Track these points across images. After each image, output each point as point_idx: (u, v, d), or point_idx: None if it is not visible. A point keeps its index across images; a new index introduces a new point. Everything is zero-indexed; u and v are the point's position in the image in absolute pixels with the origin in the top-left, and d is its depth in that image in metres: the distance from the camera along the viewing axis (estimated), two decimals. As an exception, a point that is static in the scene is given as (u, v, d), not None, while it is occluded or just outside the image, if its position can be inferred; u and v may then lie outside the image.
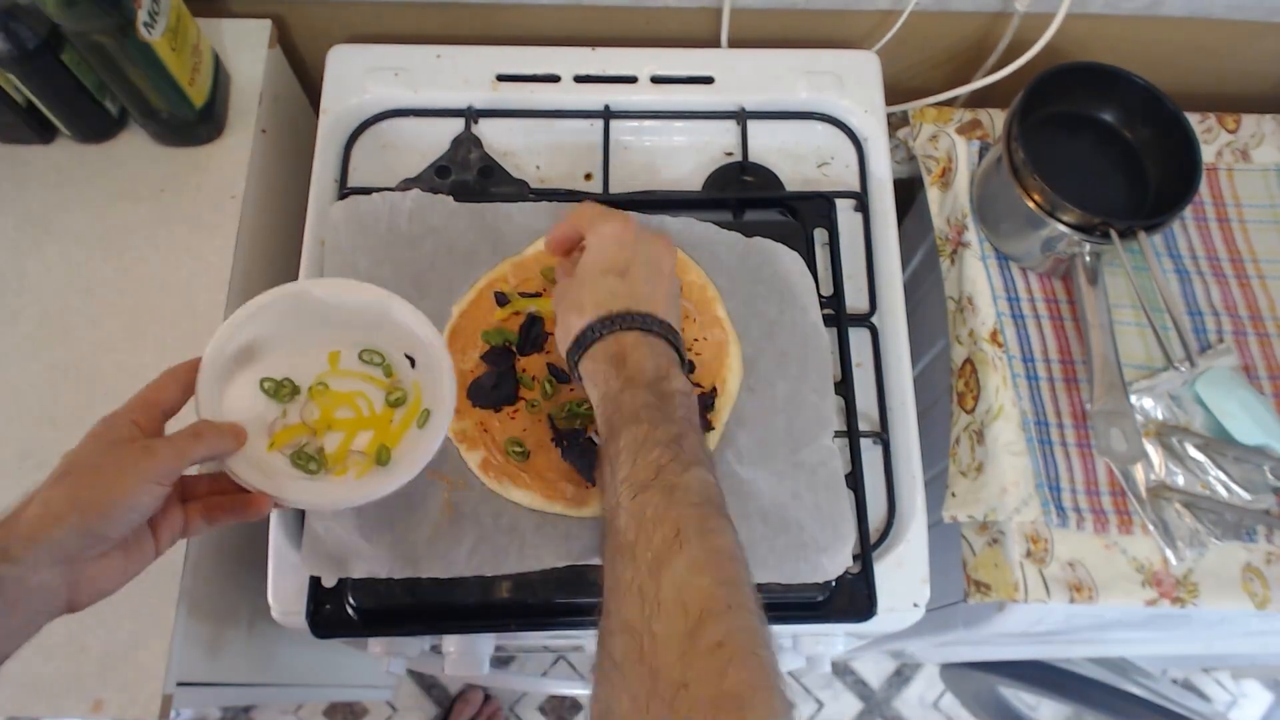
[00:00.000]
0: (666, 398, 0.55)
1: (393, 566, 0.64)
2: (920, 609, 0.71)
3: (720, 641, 0.43)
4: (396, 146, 0.83)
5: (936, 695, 1.64)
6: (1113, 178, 0.81)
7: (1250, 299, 0.82)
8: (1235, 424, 0.75)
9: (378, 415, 0.62)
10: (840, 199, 0.81)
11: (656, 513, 0.49)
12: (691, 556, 0.47)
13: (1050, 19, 0.84)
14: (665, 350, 0.58)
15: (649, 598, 0.46)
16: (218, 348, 0.58)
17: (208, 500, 0.56)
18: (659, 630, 0.44)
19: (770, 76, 0.86)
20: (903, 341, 0.77)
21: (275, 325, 0.61)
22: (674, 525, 0.48)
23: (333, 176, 0.81)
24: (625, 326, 0.57)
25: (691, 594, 0.45)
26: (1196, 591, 0.73)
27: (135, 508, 0.49)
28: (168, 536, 0.54)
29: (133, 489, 0.49)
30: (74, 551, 0.47)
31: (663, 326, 0.58)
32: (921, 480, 0.73)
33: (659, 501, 0.49)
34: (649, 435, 0.52)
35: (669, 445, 0.52)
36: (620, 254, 0.61)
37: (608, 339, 0.57)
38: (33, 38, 0.70)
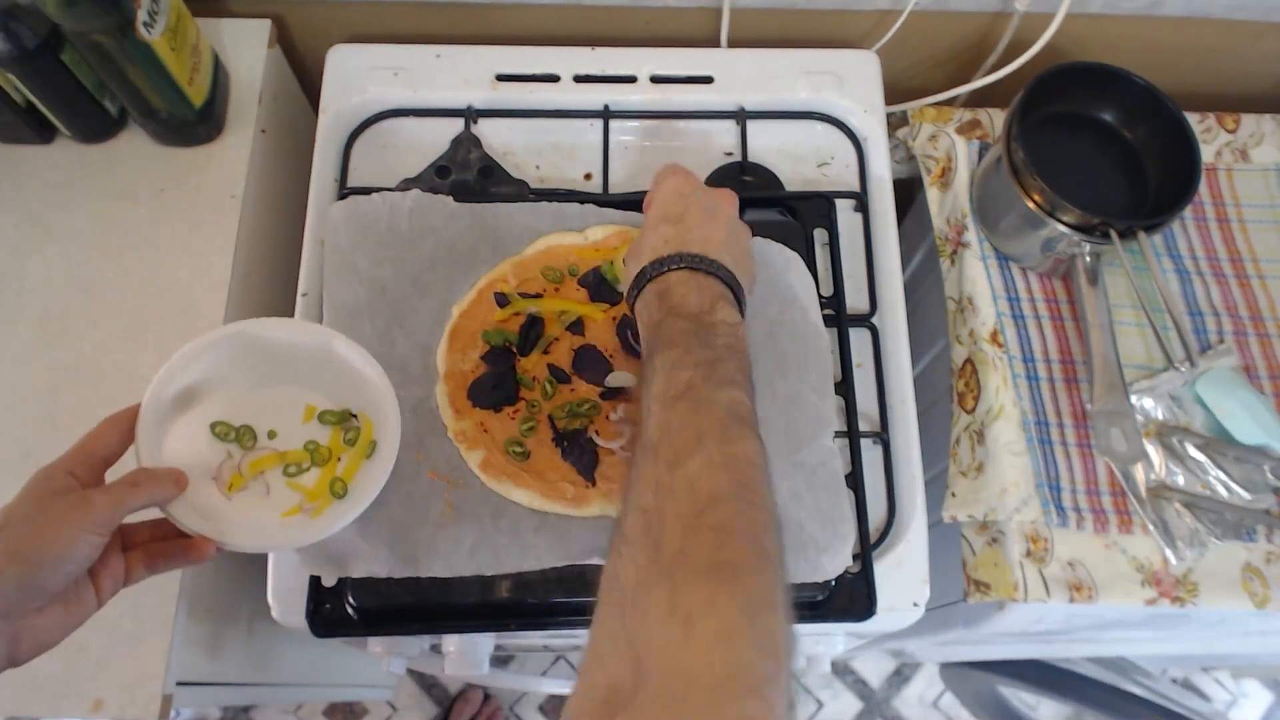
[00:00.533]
0: (708, 327, 0.56)
1: (393, 566, 0.64)
2: (920, 608, 0.71)
3: (724, 523, 0.45)
4: (396, 146, 0.83)
5: (936, 695, 1.64)
6: (1113, 178, 0.81)
7: (1250, 299, 0.82)
8: (1235, 424, 0.75)
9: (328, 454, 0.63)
10: (840, 199, 0.81)
11: (682, 421, 0.51)
12: (708, 456, 0.48)
13: (1050, 19, 0.84)
14: (714, 286, 0.59)
15: (664, 487, 0.47)
16: (156, 393, 0.58)
17: (148, 547, 0.56)
18: (668, 509, 0.46)
19: (770, 76, 0.86)
20: (903, 341, 0.77)
21: (218, 366, 0.61)
22: (696, 432, 0.49)
23: (333, 176, 0.81)
24: (674, 266, 0.60)
25: (703, 484, 0.47)
26: (1196, 591, 0.73)
27: (72, 559, 0.49)
28: (109, 586, 0.54)
29: (69, 541, 0.49)
30: (11, 605, 0.47)
31: (712, 265, 0.60)
32: (921, 480, 0.73)
33: (685, 410, 0.51)
34: (682, 358, 0.54)
35: (702, 366, 0.53)
36: (677, 204, 0.64)
37: (657, 279, 0.60)
38: (33, 38, 0.70)
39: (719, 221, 0.63)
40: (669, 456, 0.49)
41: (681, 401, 0.52)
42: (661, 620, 0.42)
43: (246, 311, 0.80)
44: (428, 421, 0.69)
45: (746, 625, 0.41)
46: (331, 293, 0.72)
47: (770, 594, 0.44)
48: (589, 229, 0.75)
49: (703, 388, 0.52)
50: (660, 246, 0.61)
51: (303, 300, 0.75)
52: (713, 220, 0.63)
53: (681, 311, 0.57)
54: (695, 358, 0.54)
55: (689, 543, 0.44)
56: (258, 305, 0.83)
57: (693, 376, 0.53)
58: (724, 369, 0.54)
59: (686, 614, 0.42)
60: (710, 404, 0.51)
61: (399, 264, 0.73)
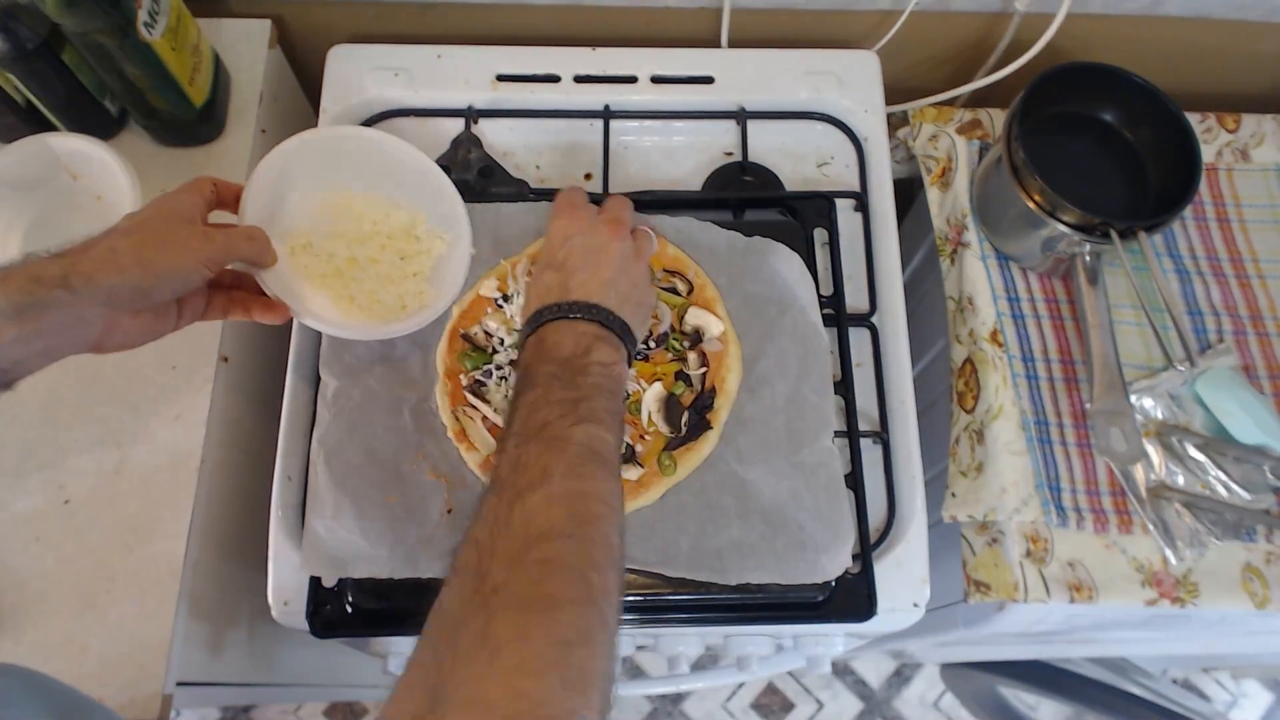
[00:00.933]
0: (578, 369, 0.57)
1: (393, 566, 0.64)
2: (920, 609, 0.71)
3: (548, 558, 0.45)
4: (396, 146, 0.83)
5: (936, 695, 1.64)
6: (1113, 178, 0.81)
7: (1250, 299, 0.82)
8: (1235, 424, 0.75)
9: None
10: (840, 199, 0.81)
11: (531, 457, 0.51)
12: (549, 491, 0.49)
13: (1050, 19, 0.84)
14: (589, 329, 0.60)
15: (500, 521, 0.48)
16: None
17: (230, 293, 0.63)
18: (499, 543, 0.47)
19: (770, 76, 0.86)
20: (903, 341, 0.77)
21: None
22: (543, 467, 0.50)
23: (333, 176, 0.81)
24: (549, 318, 0.61)
25: (537, 519, 0.47)
26: (1196, 591, 0.73)
27: (183, 280, 0.55)
28: (189, 314, 0.59)
29: (187, 265, 0.54)
30: (122, 300, 0.52)
31: (590, 311, 0.60)
32: (921, 480, 0.73)
33: (537, 450, 0.51)
34: (543, 397, 0.55)
35: (563, 404, 0.54)
36: (560, 249, 0.65)
37: (538, 329, 0.61)
38: (33, 38, 0.70)
39: (603, 261, 0.63)
40: (511, 492, 0.49)
41: (534, 440, 0.52)
42: (471, 650, 0.42)
43: (246, 311, 0.80)
44: (428, 421, 0.69)
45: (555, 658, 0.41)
46: (331, 293, 0.72)
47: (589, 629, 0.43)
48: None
49: (558, 425, 0.52)
50: (542, 295, 0.63)
51: (303, 300, 0.75)
52: (596, 261, 0.63)
53: (553, 356, 0.58)
54: (557, 396, 0.54)
55: (511, 576, 0.45)
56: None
57: (549, 415, 0.53)
58: (587, 407, 0.54)
59: (495, 644, 0.41)
60: (563, 440, 0.52)
61: (399, 264, 0.73)
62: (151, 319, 0.56)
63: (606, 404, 0.55)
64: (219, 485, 0.76)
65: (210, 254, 0.55)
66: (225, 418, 0.77)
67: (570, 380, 0.56)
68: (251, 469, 0.81)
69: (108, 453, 0.72)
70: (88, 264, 0.51)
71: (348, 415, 0.68)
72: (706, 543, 0.66)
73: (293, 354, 0.73)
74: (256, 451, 0.80)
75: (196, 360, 0.75)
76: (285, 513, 0.69)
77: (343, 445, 0.67)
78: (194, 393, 0.74)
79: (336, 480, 0.66)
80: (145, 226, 0.55)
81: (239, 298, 0.63)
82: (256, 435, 0.81)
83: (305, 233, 0.66)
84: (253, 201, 0.62)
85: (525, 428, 0.53)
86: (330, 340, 0.71)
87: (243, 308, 0.62)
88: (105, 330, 0.53)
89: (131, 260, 0.52)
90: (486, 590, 0.44)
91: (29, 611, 0.67)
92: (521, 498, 0.48)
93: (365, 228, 0.69)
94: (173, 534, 0.70)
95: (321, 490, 0.66)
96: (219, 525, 0.76)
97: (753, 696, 1.62)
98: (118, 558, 0.69)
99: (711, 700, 1.61)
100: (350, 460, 0.67)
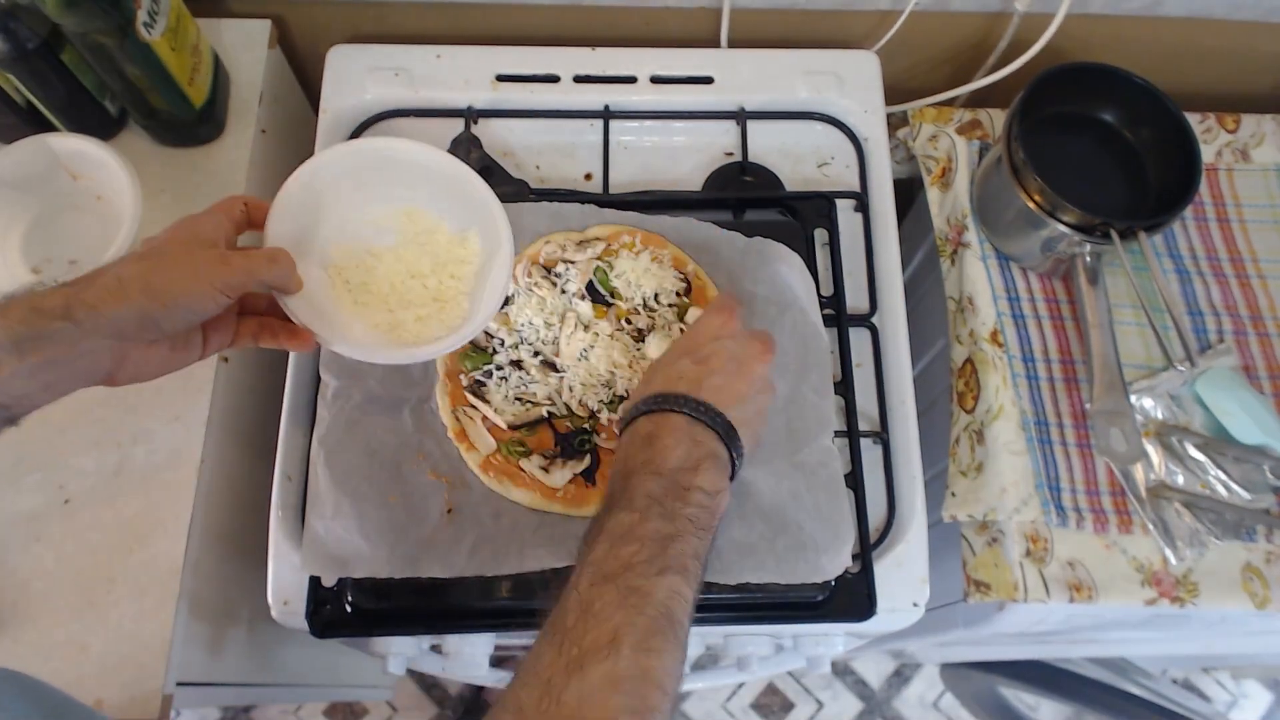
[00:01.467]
0: (681, 492, 0.52)
1: (393, 566, 0.64)
2: (920, 609, 0.71)
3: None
4: (396, 146, 0.83)
5: (936, 695, 1.64)
6: (1113, 178, 0.81)
7: (1250, 299, 0.82)
8: (1235, 424, 0.75)
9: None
10: (840, 199, 0.81)
11: (603, 609, 0.46)
12: (613, 670, 0.44)
13: (1050, 19, 0.84)
14: (708, 443, 0.55)
15: (552, 694, 0.43)
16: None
17: (262, 319, 0.59)
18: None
19: (770, 76, 0.86)
20: (903, 341, 0.77)
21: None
22: (613, 630, 0.45)
23: (333, 176, 0.81)
24: (676, 408, 0.55)
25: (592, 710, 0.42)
26: (1196, 591, 0.73)
27: (195, 310, 0.51)
28: (217, 342, 0.56)
29: (199, 293, 0.51)
30: (128, 331, 0.49)
31: (715, 418, 0.55)
32: (921, 480, 0.73)
33: (612, 599, 0.46)
34: (635, 527, 0.50)
35: (654, 543, 0.49)
36: (708, 344, 0.60)
37: (653, 415, 0.56)
38: (33, 38, 0.70)
39: (744, 375, 0.59)
40: (572, 653, 0.44)
41: (611, 585, 0.47)
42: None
43: (246, 311, 0.80)
44: (428, 422, 0.69)
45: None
46: (331, 293, 0.72)
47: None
48: (589, 229, 0.75)
49: (642, 570, 0.48)
50: (673, 381, 0.57)
51: (303, 300, 0.75)
52: (738, 372, 0.58)
53: (658, 465, 0.53)
54: (651, 529, 0.49)
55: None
56: (258, 305, 0.83)
57: (636, 554, 0.48)
58: (677, 550, 0.49)
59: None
60: (643, 596, 0.47)
61: (399, 264, 0.73)
62: (169, 350, 0.53)
63: (697, 545, 0.51)
64: (219, 485, 0.76)
65: (226, 280, 0.51)
66: (225, 418, 0.77)
67: (669, 509, 0.51)
68: (251, 469, 0.81)
69: (108, 453, 0.72)
70: (92, 293, 0.48)
71: (348, 415, 0.68)
72: (706, 543, 0.66)
73: (293, 355, 0.73)
74: (256, 452, 0.80)
75: (196, 360, 0.75)
76: (285, 513, 0.69)
77: (343, 445, 0.67)
78: (194, 393, 0.74)
79: (336, 480, 0.66)
80: (159, 252, 0.51)
81: (269, 324, 0.59)
82: (256, 435, 0.81)
83: (341, 252, 0.62)
84: (278, 221, 0.58)
85: (606, 564, 0.48)
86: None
87: (271, 334, 0.58)
88: (115, 363, 0.50)
89: (139, 289, 0.49)
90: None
91: (29, 611, 0.67)
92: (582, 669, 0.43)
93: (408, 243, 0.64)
94: (173, 534, 0.70)
95: (321, 490, 0.66)
96: (219, 525, 0.76)
97: (753, 696, 1.62)
98: (118, 558, 0.69)
99: (711, 700, 1.61)
100: (350, 460, 0.67)
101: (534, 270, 0.72)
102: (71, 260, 0.77)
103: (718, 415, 0.56)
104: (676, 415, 0.55)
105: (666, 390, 0.57)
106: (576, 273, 0.72)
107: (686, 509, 0.51)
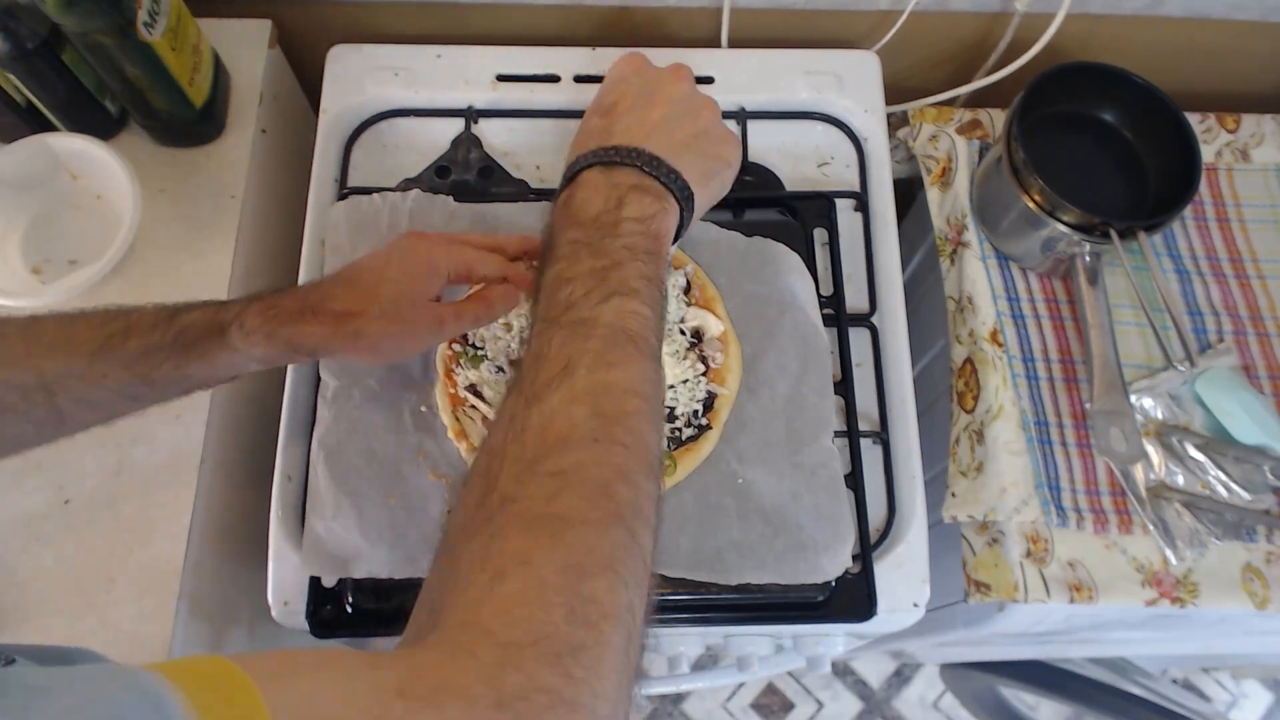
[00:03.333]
0: (607, 229, 0.50)
1: (393, 566, 0.64)
2: (920, 609, 0.71)
3: (563, 469, 0.40)
4: (396, 146, 0.83)
5: (936, 695, 1.64)
6: (1113, 178, 0.81)
7: (1250, 299, 0.82)
8: (1235, 424, 0.75)
9: None
10: (840, 199, 0.81)
11: (553, 350, 0.45)
12: (571, 389, 0.43)
13: (1050, 19, 0.83)
14: (626, 178, 0.52)
15: (516, 425, 0.42)
16: None
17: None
18: (510, 450, 0.42)
19: (770, 76, 0.86)
20: (903, 341, 0.77)
21: None
22: (566, 359, 0.44)
23: (333, 176, 0.81)
24: (584, 165, 0.53)
25: (556, 424, 0.42)
26: (1196, 591, 0.73)
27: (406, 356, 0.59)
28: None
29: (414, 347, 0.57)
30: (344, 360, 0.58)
31: (628, 155, 0.52)
32: (921, 480, 0.73)
33: (560, 338, 0.45)
34: (566, 270, 0.48)
35: (589, 277, 0.47)
36: (611, 92, 0.58)
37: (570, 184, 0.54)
38: (33, 38, 0.70)
39: (656, 102, 0.55)
40: (530, 390, 0.43)
41: (557, 325, 0.46)
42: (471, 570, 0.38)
43: (246, 311, 0.80)
44: (428, 422, 0.69)
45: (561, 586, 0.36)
46: (331, 293, 0.72)
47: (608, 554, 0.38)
48: (589, 229, 0.75)
49: (584, 304, 0.46)
50: (583, 143, 0.55)
51: (303, 300, 0.75)
52: (648, 103, 0.55)
53: (579, 218, 0.51)
54: (584, 267, 0.48)
55: (521, 488, 0.40)
56: (258, 305, 0.83)
57: (574, 292, 0.47)
58: (617, 276, 0.47)
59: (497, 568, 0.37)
60: (589, 323, 0.45)
61: (399, 264, 0.73)
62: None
63: (642, 269, 0.48)
64: (219, 485, 0.76)
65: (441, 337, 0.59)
66: (225, 418, 0.77)
67: (598, 245, 0.49)
68: (251, 469, 0.81)
69: (108, 453, 0.72)
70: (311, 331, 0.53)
71: (348, 415, 0.68)
72: (706, 543, 0.66)
73: (293, 354, 0.73)
74: (256, 451, 0.80)
75: (196, 360, 0.74)
76: (285, 513, 0.69)
77: (343, 445, 0.67)
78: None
79: (336, 480, 0.66)
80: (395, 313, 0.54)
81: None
82: (256, 435, 0.81)
83: None
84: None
85: (548, 311, 0.47)
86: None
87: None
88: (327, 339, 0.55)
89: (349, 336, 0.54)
90: (494, 503, 0.40)
91: (29, 611, 0.67)
92: (540, 398, 0.43)
93: None
94: (173, 534, 0.70)
95: (321, 490, 0.66)
96: (219, 525, 0.76)
97: (753, 696, 1.62)
98: (118, 558, 0.69)
99: (711, 700, 1.61)
100: (350, 460, 0.67)
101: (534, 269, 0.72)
102: (71, 260, 0.77)
103: (631, 151, 0.53)
104: (588, 171, 0.53)
105: (578, 153, 0.55)
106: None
107: (617, 241, 0.49)
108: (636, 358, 0.45)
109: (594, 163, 0.53)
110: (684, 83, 0.58)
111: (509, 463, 0.41)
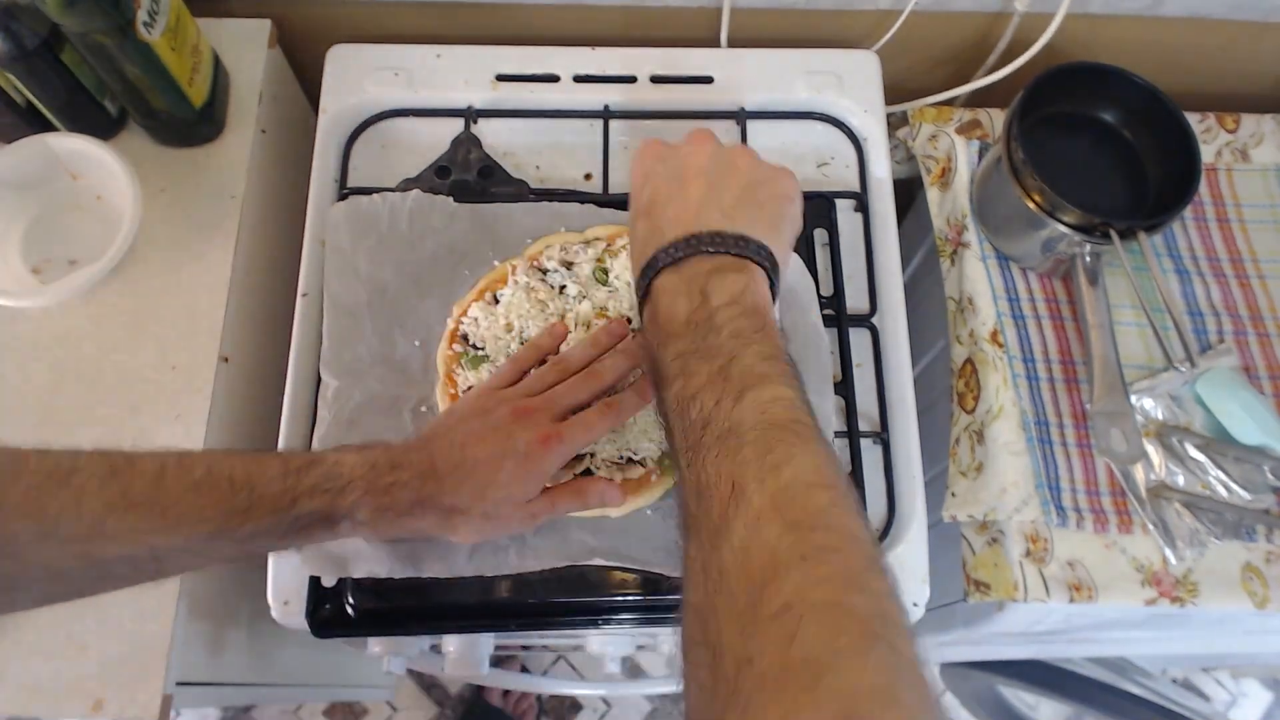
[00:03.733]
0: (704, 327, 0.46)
1: (393, 566, 0.64)
2: (920, 608, 0.71)
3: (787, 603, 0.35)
4: (396, 146, 0.83)
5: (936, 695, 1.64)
6: (1113, 178, 0.81)
7: (1250, 299, 0.82)
8: (1235, 424, 0.75)
9: None
10: (840, 199, 0.81)
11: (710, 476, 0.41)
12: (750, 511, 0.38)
13: (1050, 19, 0.84)
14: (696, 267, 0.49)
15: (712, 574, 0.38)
16: None
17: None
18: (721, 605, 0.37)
19: (770, 76, 0.86)
20: (903, 341, 0.77)
21: None
22: (729, 482, 0.40)
23: (332, 176, 0.81)
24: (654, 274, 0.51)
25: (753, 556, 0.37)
26: (1196, 591, 0.73)
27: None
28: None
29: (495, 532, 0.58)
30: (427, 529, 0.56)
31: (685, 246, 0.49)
32: (921, 480, 0.73)
33: (712, 462, 0.42)
34: (683, 389, 0.45)
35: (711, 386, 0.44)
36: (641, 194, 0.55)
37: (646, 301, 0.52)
38: (33, 38, 0.70)
39: (689, 180, 0.53)
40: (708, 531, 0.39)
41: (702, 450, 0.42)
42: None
43: (247, 312, 0.80)
44: (428, 422, 0.69)
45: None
46: (332, 293, 0.72)
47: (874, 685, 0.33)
48: (589, 229, 0.75)
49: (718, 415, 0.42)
50: (638, 256, 0.53)
51: (303, 300, 0.75)
52: (681, 185, 0.53)
53: (671, 329, 0.48)
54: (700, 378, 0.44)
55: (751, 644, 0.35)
56: (258, 305, 0.83)
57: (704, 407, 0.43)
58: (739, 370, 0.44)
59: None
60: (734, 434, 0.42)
61: (399, 264, 0.73)
62: None
63: (760, 350, 0.45)
64: (219, 485, 0.76)
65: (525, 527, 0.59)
66: (225, 418, 0.77)
67: (704, 348, 0.45)
68: (251, 469, 0.81)
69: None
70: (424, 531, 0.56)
71: (348, 415, 0.68)
72: (707, 543, 0.66)
73: (293, 354, 0.73)
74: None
75: (196, 360, 0.75)
76: (285, 513, 0.69)
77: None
78: (194, 393, 0.74)
79: (336, 480, 0.66)
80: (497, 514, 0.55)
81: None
82: (256, 435, 0.81)
83: None
84: None
85: (686, 438, 0.43)
86: (330, 340, 0.71)
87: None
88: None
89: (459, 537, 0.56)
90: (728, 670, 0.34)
91: (29, 613, 0.67)
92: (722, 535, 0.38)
93: None
94: (173, 534, 0.70)
95: (321, 490, 0.66)
96: (219, 525, 0.76)
97: (753, 696, 1.61)
98: (118, 558, 0.69)
99: (711, 700, 1.60)
100: (350, 460, 0.67)
101: (533, 271, 0.72)
102: (71, 260, 0.77)
103: (690, 238, 0.50)
104: (658, 278, 0.50)
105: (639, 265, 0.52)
106: (576, 273, 0.72)
107: (721, 334, 0.46)
108: (800, 445, 0.41)
109: (660, 267, 0.50)
110: (707, 145, 0.56)
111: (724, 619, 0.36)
